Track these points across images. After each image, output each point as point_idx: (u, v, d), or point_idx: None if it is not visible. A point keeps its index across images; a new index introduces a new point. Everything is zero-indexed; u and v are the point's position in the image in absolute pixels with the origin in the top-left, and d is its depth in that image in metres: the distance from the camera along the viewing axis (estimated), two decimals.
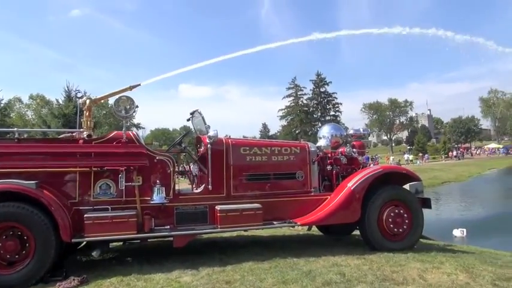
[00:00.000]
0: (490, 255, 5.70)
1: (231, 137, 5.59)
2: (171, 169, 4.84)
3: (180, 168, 5.82)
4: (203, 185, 5.06)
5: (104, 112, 46.85)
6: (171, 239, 4.71)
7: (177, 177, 5.35)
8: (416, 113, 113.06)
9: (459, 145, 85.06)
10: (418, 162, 52.41)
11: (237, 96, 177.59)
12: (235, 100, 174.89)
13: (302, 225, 5.33)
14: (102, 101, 6.58)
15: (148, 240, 5.27)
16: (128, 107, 4.81)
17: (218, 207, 4.79)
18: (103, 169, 4.62)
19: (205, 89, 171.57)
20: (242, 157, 5.23)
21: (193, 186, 5.50)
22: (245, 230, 5.31)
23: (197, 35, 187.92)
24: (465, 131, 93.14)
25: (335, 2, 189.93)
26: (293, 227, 5.69)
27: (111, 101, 4.97)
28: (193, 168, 5.90)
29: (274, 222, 5.06)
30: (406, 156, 53.62)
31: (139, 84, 5.70)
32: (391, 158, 45.99)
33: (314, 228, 6.74)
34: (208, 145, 4.99)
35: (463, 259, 4.72)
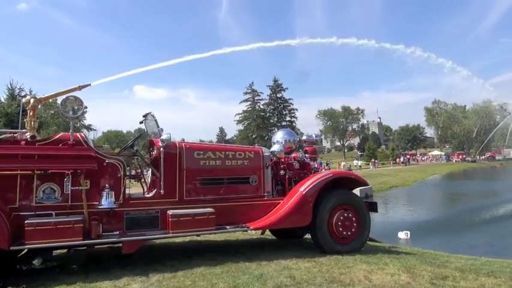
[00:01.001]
0: (430, 255, 6.06)
1: (187, 140, 5.54)
2: (122, 173, 4.70)
3: (132, 172, 5.66)
4: (155, 190, 4.96)
5: (52, 112, 44.42)
6: (120, 245, 4.56)
7: (130, 181, 5.21)
8: (367, 121, 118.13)
9: (406, 152, 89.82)
10: (370, 167, 54.91)
11: (194, 100, 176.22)
12: (192, 103, 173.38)
13: (255, 229, 5.38)
14: (50, 100, 6.24)
15: (96, 246, 5.06)
16: (76, 107, 4.61)
17: (170, 212, 4.71)
18: (47, 172, 4.38)
19: (161, 91, 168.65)
20: (196, 161, 5.18)
21: (145, 190, 5.37)
22: (197, 235, 5.26)
23: (153, 36, 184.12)
24: (411, 139, 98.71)
25: (291, 9, 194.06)
26: (246, 231, 5.72)
27: (60, 100, 4.72)
28: (146, 172, 5.77)
29: (227, 227, 5.06)
30: (355, 162, 55.82)
31: (89, 84, 5.48)
32: (342, 163, 47.72)
33: (267, 232, 6.81)
34: (161, 148, 4.90)
35: (406, 260, 4.99)
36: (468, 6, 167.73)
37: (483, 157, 76.56)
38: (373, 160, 61.71)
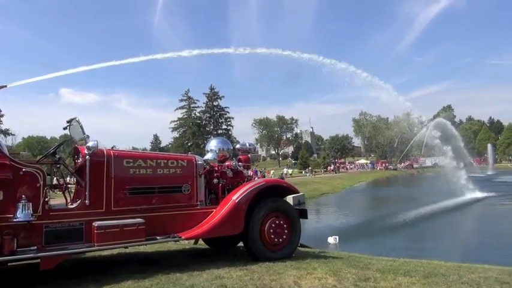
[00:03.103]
0: (355, 258, 6.41)
1: (118, 148, 5.29)
2: (41, 182, 4.33)
3: (54, 182, 5.27)
4: (79, 200, 4.65)
5: None
6: (39, 261, 4.20)
7: (53, 192, 4.84)
8: (301, 130, 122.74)
9: (336, 160, 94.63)
10: (308, 175, 57.34)
11: (127, 105, 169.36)
12: (124, 109, 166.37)
13: (187, 239, 5.27)
14: None
15: (9, 264, 4.60)
16: None
17: (96, 224, 4.45)
18: None
19: (90, 96, 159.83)
20: (125, 170, 4.96)
21: (69, 201, 5.02)
22: (126, 247, 5.03)
23: (83, 37, 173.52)
24: (341, 148, 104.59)
25: (226, 18, 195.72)
26: (177, 241, 5.59)
27: None
28: (70, 181, 5.41)
29: (158, 237, 4.91)
30: (285, 170, 57.64)
31: (5, 86, 5.03)
32: (272, 171, 48.96)
33: (201, 241, 6.73)
34: (87, 156, 4.62)
35: (333, 264, 5.24)
36: (388, 27, 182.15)
37: (403, 165, 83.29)
38: (310, 168, 64.46)
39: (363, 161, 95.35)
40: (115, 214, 4.74)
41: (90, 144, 4.62)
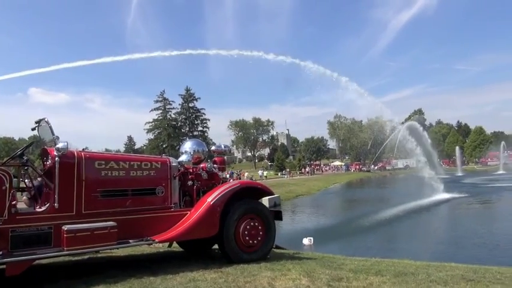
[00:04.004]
0: (329, 259, 6.51)
1: (90, 149, 5.16)
2: (7, 185, 4.17)
3: (22, 184, 5.08)
4: (48, 203, 4.51)
5: None
6: (4, 266, 4.04)
7: (21, 195, 4.66)
8: (277, 132, 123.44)
9: (311, 162, 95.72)
10: (285, 176, 57.94)
11: (100, 106, 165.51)
12: (97, 110, 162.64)
13: (160, 242, 5.20)
14: None
15: None
16: None
17: (65, 228, 4.31)
18: None
19: (61, 96, 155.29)
20: (96, 172, 4.85)
21: (37, 204, 4.85)
22: (97, 251, 4.91)
23: (53, 35, 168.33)
24: (316, 150, 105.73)
25: (202, 18, 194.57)
26: (151, 244, 5.50)
27: None
28: (38, 183, 5.22)
29: (130, 241, 4.82)
30: (260, 172, 57.92)
31: None
32: (246, 174, 49.11)
33: (175, 244, 6.65)
34: (56, 158, 4.49)
35: (307, 265, 5.29)
36: (361, 32, 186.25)
37: (376, 167, 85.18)
38: (288, 170, 65.13)
39: (337, 163, 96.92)
40: (86, 217, 4.62)
41: (59, 145, 4.49)
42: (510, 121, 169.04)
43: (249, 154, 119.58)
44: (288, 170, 66.21)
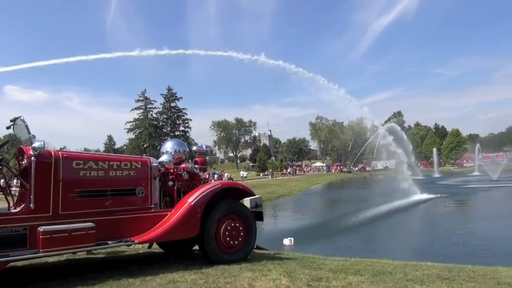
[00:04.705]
0: (309, 259, 6.56)
1: (68, 149, 5.05)
2: None
3: None
4: (24, 204, 4.39)
5: None
6: None
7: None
8: (259, 133, 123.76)
9: (293, 163, 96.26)
10: (268, 177, 58.55)
11: (79, 105, 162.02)
12: (76, 108, 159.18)
13: (140, 243, 5.14)
14: None
15: None
16: None
17: (41, 229, 4.21)
18: None
19: (38, 93, 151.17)
20: (74, 172, 4.75)
21: (11, 204, 4.72)
22: (74, 253, 4.81)
23: (32, 32, 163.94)
24: (298, 151, 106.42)
25: (184, 17, 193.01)
26: (130, 245, 5.44)
27: None
28: (14, 183, 5.09)
29: (109, 242, 4.74)
30: (241, 173, 58.02)
31: None
32: (226, 174, 49.06)
33: (155, 245, 6.58)
34: (32, 158, 4.37)
35: (287, 265, 5.32)
36: (343, 34, 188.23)
37: (356, 168, 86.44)
38: (270, 171, 66.16)
39: (318, 164, 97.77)
40: (63, 218, 4.52)
41: (36, 144, 4.38)
42: (485, 124, 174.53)
43: (231, 155, 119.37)
44: (270, 170, 66.40)
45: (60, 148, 5.15)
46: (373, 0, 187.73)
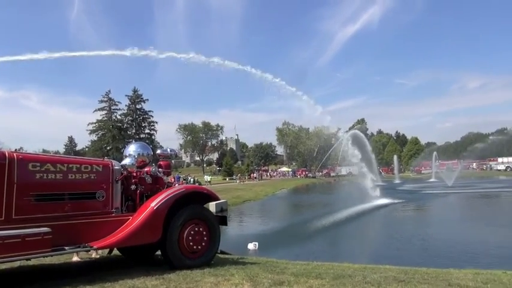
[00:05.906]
0: (272, 264, 6.63)
1: (26, 150, 4.83)
2: None
3: None
4: None
5: None
6: None
7: None
8: (226, 137, 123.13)
9: (259, 168, 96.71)
10: (237, 181, 58.27)
11: (38, 104, 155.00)
12: (34, 108, 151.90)
13: (99, 248, 5.00)
14: None
15: None
16: None
17: None
18: None
19: None
20: (30, 174, 4.56)
21: None
22: (28, 259, 4.60)
23: None
24: (264, 156, 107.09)
25: (151, 17, 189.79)
26: (88, 251, 5.27)
27: None
28: None
29: (66, 248, 4.58)
30: (205, 177, 57.69)
31: None
32: (189, 177, 48.65)
33: (116, 251, 6.41)
34: None
35: (250, 269, 5.36)
36: (310, 41, 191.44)
37: (321, 173, 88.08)
38: (239, 175, 66.29)
39: (284, 168, 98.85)
40: (16, 223, 4.32)
41: None
42: (442, 133, 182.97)
43: (198, 158, 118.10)
44: (238, 175, 66.43)
45: (16, 149, 4.91)
46: (340, 9, 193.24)
